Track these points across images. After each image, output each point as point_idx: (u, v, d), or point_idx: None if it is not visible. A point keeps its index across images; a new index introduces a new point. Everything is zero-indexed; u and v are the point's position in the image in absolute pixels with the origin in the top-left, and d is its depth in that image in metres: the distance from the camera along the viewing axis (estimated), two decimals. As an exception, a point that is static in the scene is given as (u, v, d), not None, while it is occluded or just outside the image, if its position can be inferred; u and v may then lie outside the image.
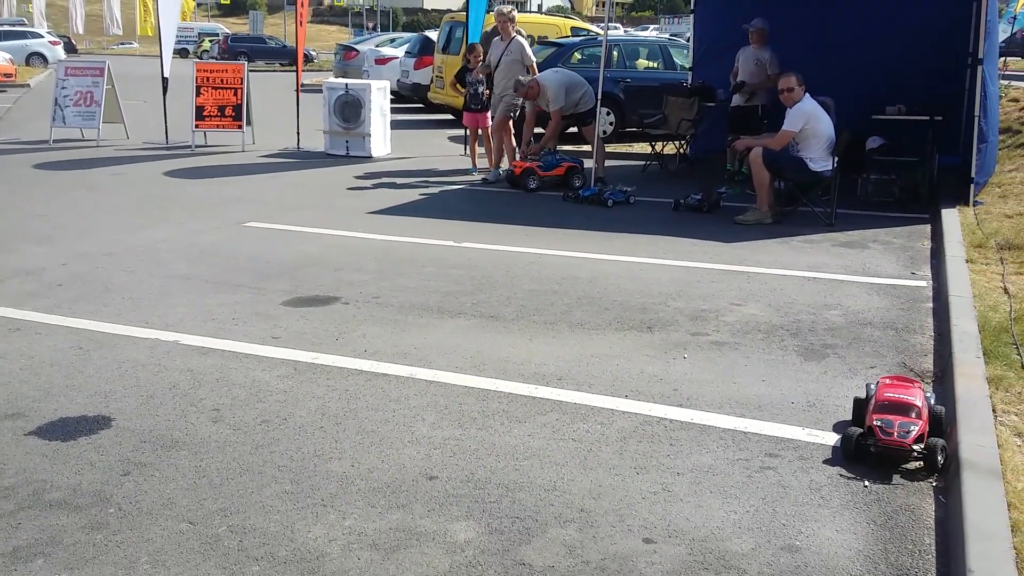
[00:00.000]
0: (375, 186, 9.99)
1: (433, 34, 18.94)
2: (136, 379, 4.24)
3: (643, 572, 2.75)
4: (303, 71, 14.76)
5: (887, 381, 3.80)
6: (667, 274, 6.27)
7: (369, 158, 11.93)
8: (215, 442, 3.59)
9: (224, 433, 3.67)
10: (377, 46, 23.95)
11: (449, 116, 16.56)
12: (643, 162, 11.36)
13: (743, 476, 3.36)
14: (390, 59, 21.17)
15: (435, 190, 9.74)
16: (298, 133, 12.99)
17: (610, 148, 12.59)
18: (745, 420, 3.86)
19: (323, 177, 10.60)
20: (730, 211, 8.29)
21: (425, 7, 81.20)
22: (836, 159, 7.93)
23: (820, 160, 7.91)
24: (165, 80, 13.22)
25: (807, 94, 7.86)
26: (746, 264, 6.53)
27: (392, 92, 16.04)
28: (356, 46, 24.56)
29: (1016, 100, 12.14)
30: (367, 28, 56.82)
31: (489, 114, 10.81)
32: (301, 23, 13.30)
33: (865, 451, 3.44)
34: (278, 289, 5.76)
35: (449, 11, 20.35)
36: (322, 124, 12.34)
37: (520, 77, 10.01)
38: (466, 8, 12.39)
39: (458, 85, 11.01)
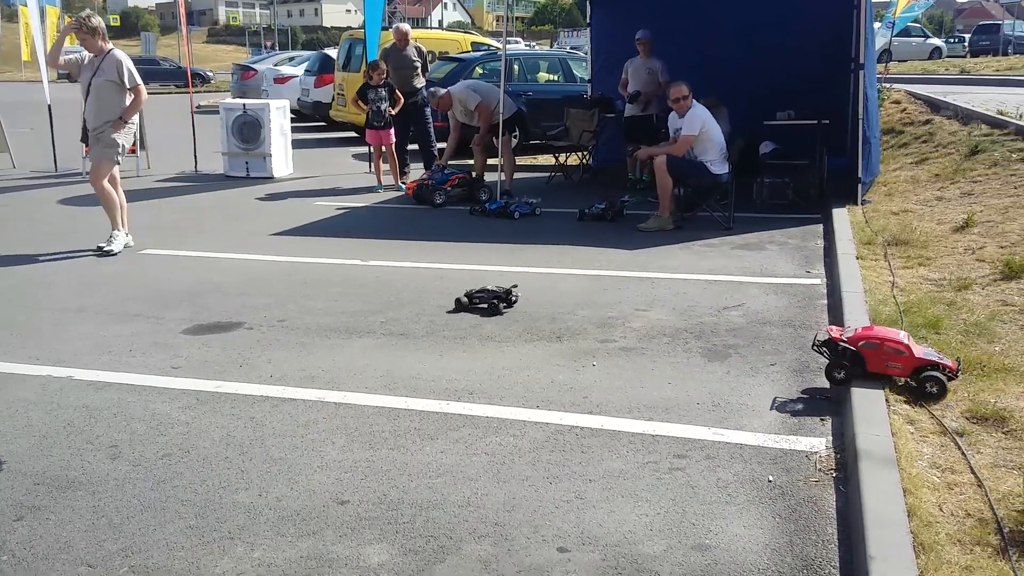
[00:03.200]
0: (277, 207, 9.81)
1: (333, 52, 18.76)
2: (27, 419, 4.04)
3: (558, 582, 2.76)
4: (200, 92, 14.41)
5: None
6: (574, 283, 6.34)
7: (270, 179, 11.72)
8: (113, 480, 3.44)
9: (123, 470, 3.53)
10: (276, 65, 23.57)
11: (353, 134, 16.40)
12: (547, 174, 11.49)
13: (653, 479, 3.41)
14: (289, 78, 20.85)
15: (340, 209, 9.62)
16: (195, 156, 12.66)
17: (516, 160, 12.70)
18: (653, 423, 3.92)
19: (223, 200, 10.36)
20: (633, 219, 8.45)
21: (324, 24, 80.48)
22: (731, 164, 8.18)
23: (717, 164, 8.15)
24: (49, 106, 12.70)
25: (695, 101, 8.11)
26: (650, 270, 6.66)
27: (293, 111, 15.82)
28: (254, 65, 24.13)
29: (898, 102, 12.76)
30: (265, 47, 55.83)
31: (392, 131, 10.78)
32: (186, 42, 13.05)
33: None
34: (178, 317, 5.59)
35: (349, 28, 20.16)
36: (220, 146, 12.06)
37: (433, 88, 10.07)
38: (365, 25, 12.32)
39: (360, 102, 10.93)
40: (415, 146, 11.43)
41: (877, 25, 16.05)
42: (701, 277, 6.44)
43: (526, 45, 39.57)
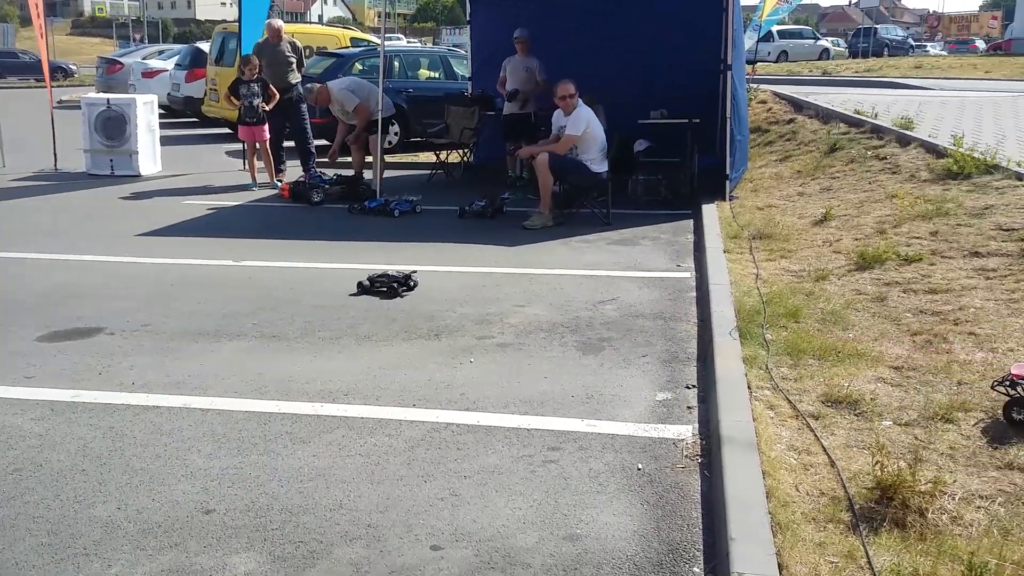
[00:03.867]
0: (144, 207, 9.41)
1: (205, 45, 18.13)
2: None
3: (430, 580, 2.75)
4: (62, 86, 13.68)
5: None
6: (454, 281, 6.34)
7: (137, 177, 11.22)
8: (-44, 499, 3.22)
9: (-33, 488, 3.31)
10: (144, 58, 22.58)
11: (226, 130, 15.90)
12: (428, 171, 11.45)
13: (527, 472, 3.45)
14: (159, 72, 20.04)
15: (212, 208, 9.31)
16: (55, 153, 11.99)
17: (396, 158, 12.61)
18: (528, 417, 3.96)
19: (84, 199, 9.85)
20: (513, 216, 8.52)
21: (198, 17, 77.69)
22: (609, 161, 8.36)
23: (597, 163, 8.31)
24: None
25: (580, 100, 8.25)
26: (529, 266, 6.72)
27: (163, 106, 15.22)
28: (121, 59, 23.02)
29: (764, 102, 13.31)
30: (134, 40, 53.39)
31: (266, 127, 10.52)
32: (41, 34, 12.38)
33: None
34: (32, 324, 5.28)
35: (224, 21, 19.53)
36: (82, 143, 11.46)
37: (309, 84, 9.87)
38: (239, 19, 11.95)
39: (232, 98, 10.60)
40: (291, 143, 11.17)
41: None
42: (578, 272, 6.54)
43: (408, 42, 39.30)
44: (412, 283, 6.04)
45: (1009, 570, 2.53)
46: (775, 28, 38.40)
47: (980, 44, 45.27)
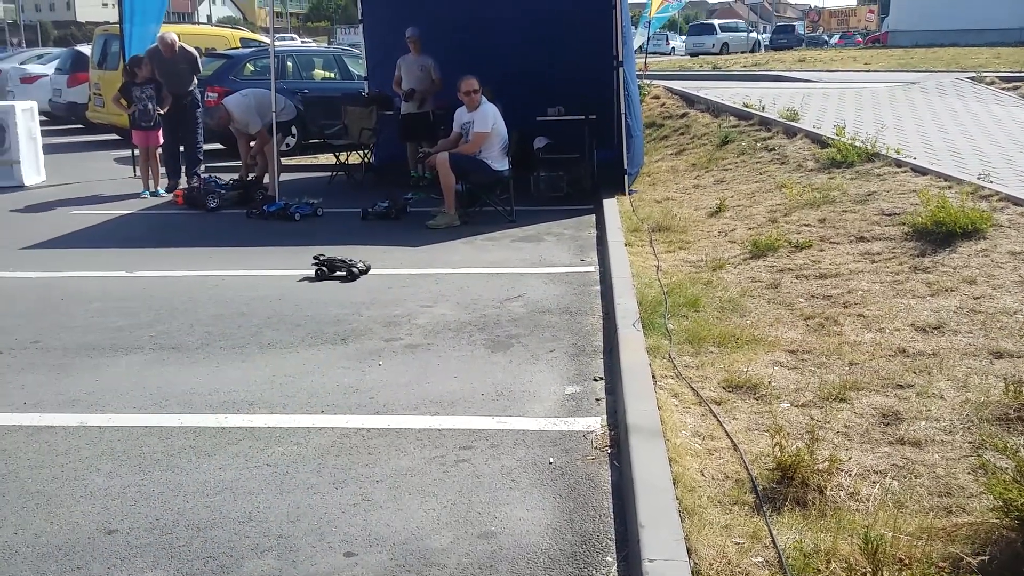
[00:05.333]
0: (28, 219, 8.97)
1: (86, 48, 17.38)
2: None
3: (346, 587, 2.72)
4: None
5: None
6: (360, 283, 6.27)
7: (20, 187, 10.69)
8: None
9: None
10: (22, 63, 21.50)
11: (114, 136, 15.30)
12: (329, 173, 11.28)
13: (440, 473, 3.45)
14: (38, 77, 19.10)
15: (102, 217, 8.95)
16: (-73, 165, 11.30)
17: (294, 161, 12.39)
18: (439, 418, 3.96)
19: (-37, 213, 9.33)
20: (417, 216, 8.48)
21: (79, 20, 74.40)
22: (509, 159, 8.42)
23: (498, 160, 8.35)
24: None
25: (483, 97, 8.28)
26: (435, 266, 6.71)
27: (44, 113, 14.53)
28: (-4, 64, 21.86)
29: (657, 97, 13.60)
30: (11, 44, 50.77)
31: (160, 132, 10.20)
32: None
33: None
34: (-92, 346, 4.97)
35: (106, 23, 18.73)
36: (-43, 153, 10.85)
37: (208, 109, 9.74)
38: (120, 20, 11.49)
39: (122, 101, 10.22)
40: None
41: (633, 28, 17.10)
42: (484, 270, 6.56)
43: (302, 42, 38.60)
44: (365, 266, 6.40)
45: (904, 541, 2.67)
46: (717, 22, 40.60)
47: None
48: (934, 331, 4.48)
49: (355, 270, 6.37)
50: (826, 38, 49.57)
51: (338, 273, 6.38)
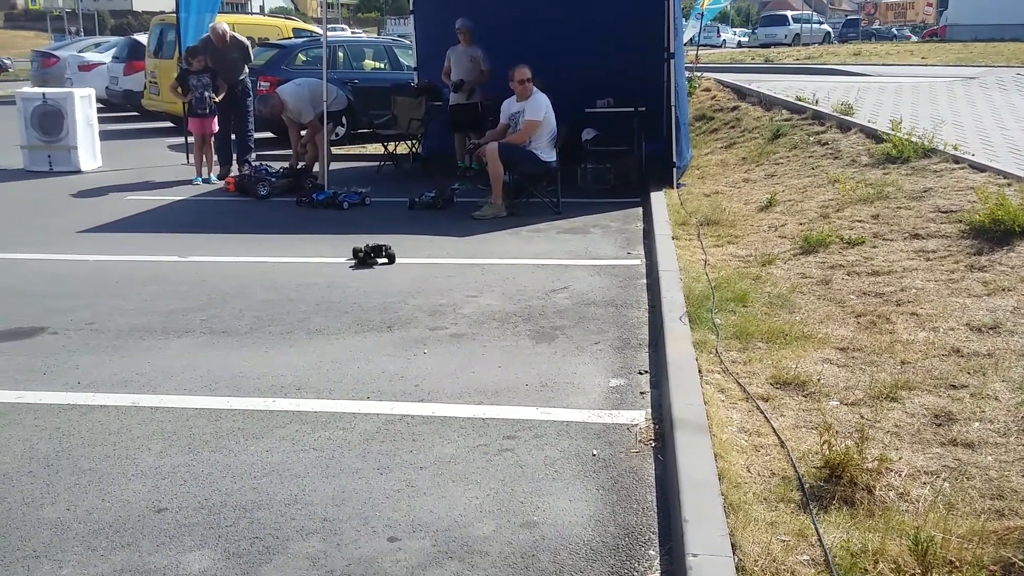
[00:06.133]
0: (85, 203, 9.18)
1: (143, 37, 17.72)
2: None
3: (388, 571, 2.75)
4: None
5: None
6: (405, 272, 6.31)
7: (77, 172, 10.95)
8: None
9: (-94, 495, 3.21)
10: (80, 51, 21.98)
11: (168, 124, 15.58)
12: (377, 163, 11.36)
13: (483, 461, 3.46)
14: (96, 65, 19.54)
15: (155, 203, 9.12)
16: (-10, 150, 11.64)
17: (343, 150, 12.50)
18: (483, 407, 3.97)
19: (23, 196, 9.59)
20: (463, 206, 8.50)
21: (135, 9, 75.80)
22: (557, 150, 8.40)
23: (547, 152, 8.33)
24: None
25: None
26: (480, 256, 6.72)
27: (101, 100, 14.84)
28: (56, 52, 22.39)
29: (708, 90, 13.45)
30: (69, 33, 51.93)
31: (216, 120, 10.38)
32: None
33: None
34: (-29, 325, 5.13)
35: (162, 13, 19.05)
36: (19, 139, 11.13)
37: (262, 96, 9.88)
38: (176, 9, 11.70)
39: (179, 89, 10.42)
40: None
41: (684, 20, 16.91)
42: (530, 262, 6.56)
43: (353, 32, 38.86)
44: (392, 251, 6.52)
45: (954, 543, 2.62)
46: (790, 13, 41.10)
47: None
48: (990, 331, 4.36)
49: (392, 253, 6.57)
50: (896, 31, 48.84)
51: (380, 260, 6.53)
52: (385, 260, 6.53)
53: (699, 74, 14.52)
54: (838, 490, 3.01)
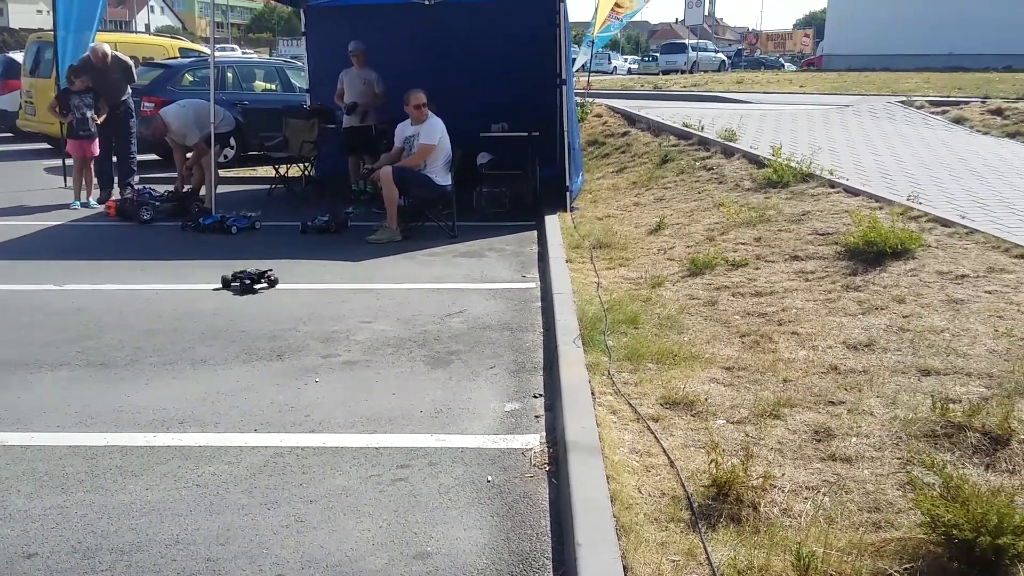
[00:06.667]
0: (-48, 229, 8.65)
1: (18, 55, 16.89)
2: None
3: (276, 612, 2.65)
4: None
5: None
6: (297, 298, 6.17)
7: (-57, 197, 10.31)
8: None
9: None
10: (-52, 69, 20.77)
11: (45, 145, 14.87)
12: (268, 186, 11.12)
13: (376, 492, 3.39)
14: (-34, 84, 18.49)
15: (30, 228, 8.67)
16: None
17: (232, 173, 12.19)
18: (377, 436, 3.90)
19: None
20: (358, 230, 8.40)
21: (11, 26, 72.34)
22: (452, 174, 8.41)
23: (442, 175, 8.33)
24: None
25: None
26: (375, 281, 6.64)
27: (-30, 121, 14.06)
28: (-78, 69, 21.07)
29: (600, 116, 13.74)
30: (-62, 49, 49.01)
31: (97, 142, 9.97)
32: None
33: None
34: None
35: (39, 30, 18.19)
36: None
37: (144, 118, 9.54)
38: (55, 27, 11.19)
39: (58, 109, 9.96)
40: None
41: (575, 47, 17.28)
42: (425, 286, 6.52)
43: (243, 53, 38.08)
44: (273, 277, 6.39)
45: (835, 557, 2.71)
46: (688, 42, 42.88)
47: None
48: (865, 349, 4.57)
49: (271, 279, 6.43)
50: (783, 61, 51.50)
51: (257, 285, 6.39)
52: (264, 284, 6.40)
53: (591, 100, 14.83)
54: (725, 508, 3.08)
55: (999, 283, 5.26)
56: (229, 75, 13.90)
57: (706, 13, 38.95)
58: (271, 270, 6.48)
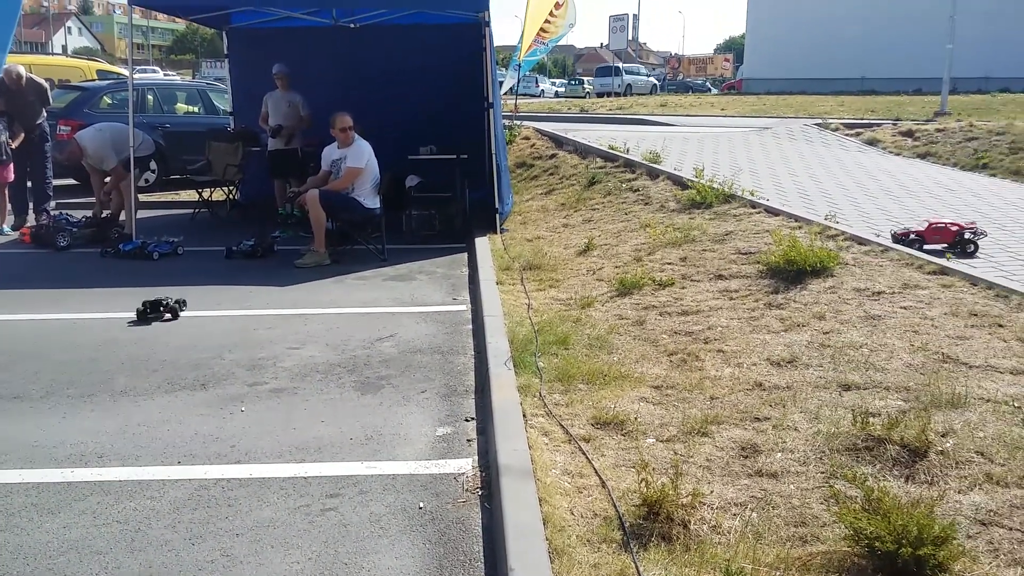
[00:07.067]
0: None
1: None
2: None
3: (201, 651, 2.57)
4: None
5: None
6: (221, 325, 6.04)
7: None
8: None
9: None
10: None
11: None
12: (191, 210, 10.88)
13: (305, 523, 3.32)
14: None
15: (-63, 257, 8.31)
16: None
17: (153, 197, 11.91)
18: (305, 465, 3.83)
19: None
20: (285, 255, 8.28)
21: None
22: (381, 197, 8.37)
23: (370, 198, 8.27)
24: None
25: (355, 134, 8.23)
26: (303, 306, 6.55)
27: None
28: None
29: (528, 138, 13.86)
30: None
31: (11, 167, 9.62)
32: None
33: None
34: None
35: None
36: None
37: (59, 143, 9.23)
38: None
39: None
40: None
41: (502, 70, 17.42)
42: (355, 310, 6.45)
43: (165, 74, 37.37)
44: (181, 308, 6.19)
45: (763, 572, 2.75)
46: (621, 65, 44.50)
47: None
48: (788, 365, 4.69)
49: (177, 308, 6.24)
50: (709, 85, 53.99)
51: (166, 316, 6.20)
52: (169, 316, 6.20)
53: (519, 123, 14.95)
54: (656, 527, 3.11)
55: (913, 299, 5.47)
56: (150, 97, 13.61)
57: (630, 38, 39.76)
58: (183, 300, 6.34)
